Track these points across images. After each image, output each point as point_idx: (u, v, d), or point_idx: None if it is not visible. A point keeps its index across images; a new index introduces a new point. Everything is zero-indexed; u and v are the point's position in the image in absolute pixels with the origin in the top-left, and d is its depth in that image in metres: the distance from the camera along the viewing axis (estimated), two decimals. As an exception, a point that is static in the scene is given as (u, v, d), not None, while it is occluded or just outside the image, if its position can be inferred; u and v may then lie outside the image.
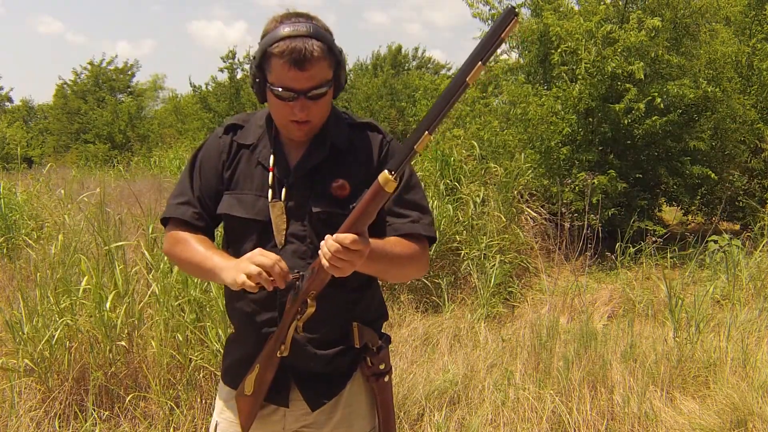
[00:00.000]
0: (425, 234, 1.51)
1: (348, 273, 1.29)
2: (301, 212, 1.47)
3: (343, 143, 1.51)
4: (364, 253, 1.27)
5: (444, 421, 3.12)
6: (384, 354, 1.53)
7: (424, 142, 1.18)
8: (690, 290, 5.09)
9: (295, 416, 1.54)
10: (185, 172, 1.59)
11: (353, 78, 24.70)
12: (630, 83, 7.55)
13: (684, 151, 8.11)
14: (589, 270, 6.25)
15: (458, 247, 5.69)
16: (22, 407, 3.06)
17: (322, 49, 1.38)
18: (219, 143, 1.56)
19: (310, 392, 1.51)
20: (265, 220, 1.47)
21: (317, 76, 1.39)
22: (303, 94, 1.39)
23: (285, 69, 1.36)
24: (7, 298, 4.17)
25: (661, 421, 3.16)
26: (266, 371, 1.47)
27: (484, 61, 1.12)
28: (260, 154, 1.51)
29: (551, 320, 4.16)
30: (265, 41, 1.39)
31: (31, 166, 18.73)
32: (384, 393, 1.55)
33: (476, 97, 8.82)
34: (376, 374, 1.52)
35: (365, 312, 1.55)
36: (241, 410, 1.53)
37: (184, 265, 1.58)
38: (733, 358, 3.68)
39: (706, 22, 8.75)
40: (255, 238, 1.48)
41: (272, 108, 1.47)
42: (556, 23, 7.82)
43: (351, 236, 1.24)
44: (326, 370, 1.51)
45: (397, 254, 1.43)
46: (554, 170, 7.68)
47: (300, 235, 1.47)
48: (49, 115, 30.06)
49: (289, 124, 1.45)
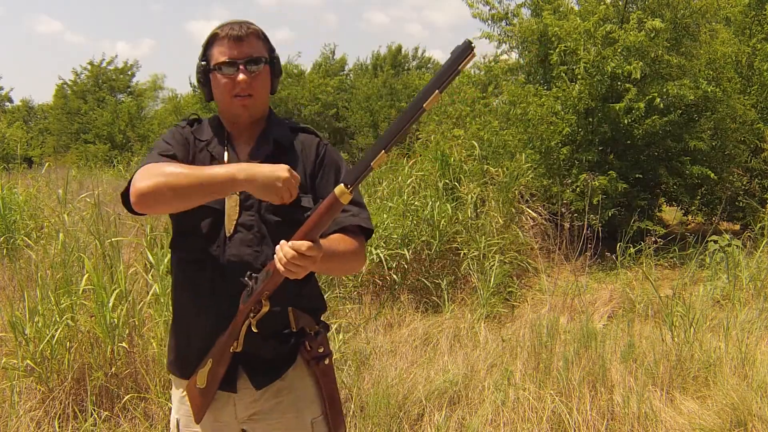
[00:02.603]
0: (366, 226, 1.63)
1: (301, 276, 1.39)
2: (251, 203, 1.58)
3: (286, 141, 1.65)
4: (317, 259, 1.37)
5: (444, 421, 3.12)
6: (322, 338, 1.63)
7: (380, 160, 1.30)
8: (690, 290, 5.09)
9: (244, 404, 1.62)
10: (158, 144, 1.60)
11: (353, 78, 24.70)
12: (630, 83, 7.55)
13: (684, 151, 8.11)
14: (589, 270, 6.25)
15: (458, 247, 5.69)
16: (22, 407, 3.07)
17: (258, 31, 1.61)
18: (184, 132, 1.66)
19: (256, 375, 1.60)
20: (219, 208, 1.57)
21: (255, 48, 1.59)
22: (243, 62, 1.56)
23: (225, 45, 1.57)
24: (8, 298, 4.16)
25: (660, 421, 3.16)
26: (219, 366, 1.56)
27: (440, 90, 1.23)
28: (214, 149, 1.63)
29: (551, 320, 4.16)
30: (209, 35, 1.61)
31: (31, 166, 18.72)
32: (326, 377, 1.65)
33: (476, 97, 8.83)
34: (316, 358, 1.62)
35: (306, 302, 1.64)
36: (194, 402, 1.61)
37: (170, 183, 1.42)
38: (733, 358, 3.68)
39: (707, 22, 8.74)
40: (207, 226, 1.58)
41: (217, 91, 1.61)
42: (556, 23, 7.82)
43: (307, 244, 1.35)
44: (271, 355, 1.60)
45: (342, 252, 1.54)
46: (554, 170, 7.68)
47: (248, 225, 1.58)
48: (49, 115, 30.07)
49: (234, 101, 1.58)
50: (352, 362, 3.65)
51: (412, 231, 5.53)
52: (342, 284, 5.01)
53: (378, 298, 5.13)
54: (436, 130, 8.10)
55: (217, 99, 1.63)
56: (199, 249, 1.58)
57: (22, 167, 12.17)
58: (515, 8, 8.97)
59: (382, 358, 3.86)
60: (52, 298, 3.45)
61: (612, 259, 6.20)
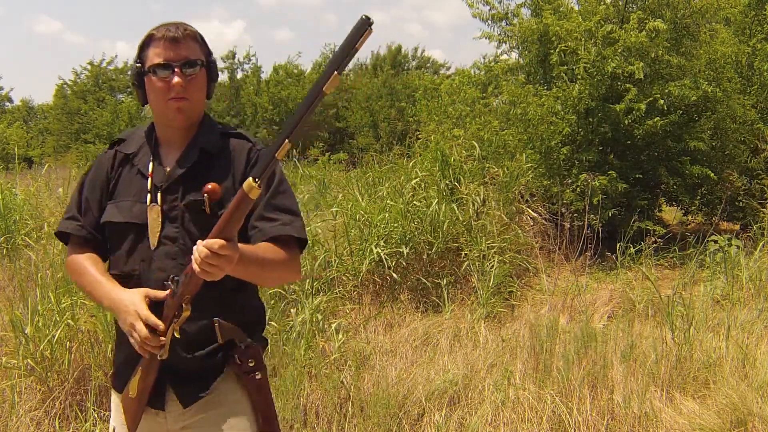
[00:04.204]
0: (296, 235, 1.58)
1: (219, 277, 1.35)
2: (174, 215, 1.57)
3: (214, 148, 1.61)
4: (233, 258, 1.34)
5: (444, 421, 3.12)
6: (253, 352, 1.58)
7: (285, 149, 1.27)
8: (690, 290, 5.09)
9: (173, 416, 1.60)
10: (75, 191, 1.71)
11: (353, 78, 24.69)
12: (630, 83, 7.55)
13: (684, 151, 8.11)
14: (589, 270, 6.25)
15: (459, 247, 5.69)
16: (22, 407, 3.06)
17: (195, 33, 1.58)
18: (104, 159, 1.68)
19: (183, 390, 1.58)
20: (141, 223, 1.57)
21: (191, 51, 1.56)
22: (178, 65, 1.53)
23: (161, 47, 1.54)
24: (8, 298, 4.17)
25: (661, 421, 3.16)
26: (148, 374, 1.54)
27: (339, 71, 1.20)
28: (140, 161, 1.63)
29: (551, 320, 4.16)
30: (144, 36, 1.58)
31: (31, 166, 18.72)
32: (259, 393, 1.60)
33: (476, 97, 8.82)
34: (246, 372, 1.57)
35: (238, 315, 1.59)
36: (127, 411, 1.60)
37: (80, 287, 1.70)
38: (733, 358, 3.68)
39: (707, 23, 8.74)
40: (131, 241, 1.58)
41: (152, 94, 1.58)
42: (556, 23, 7.82)
43: (219, 242, 1.31)
44: (198, 369, 1.57)
45: (268, 259, 1.50)
46: (554, 170, 7.67)
47: (173, 237, 1.56)
48: (49, 115, 30.05)
49: (169, 106, 1.55)
50: (352, 362, 3.65)
51: (413, 231, 5.53)
52: (342, 284, 5.02)
53: (378, 297, 5.13)
54: (436, 130, 8.09)
55: (151, 102, 1.60)
56: (126, 264, 1.58)
57: (21, 167, 12.17)
58: (515, 8, 8.97)
59: (382, 358, 3.86)
60: (52, 298, 3.45)
61: (612, 259, 6.20)
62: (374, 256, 5.11)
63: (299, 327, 3.83)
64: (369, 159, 8.79)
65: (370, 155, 9.32)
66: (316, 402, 3.28)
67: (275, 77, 22.04)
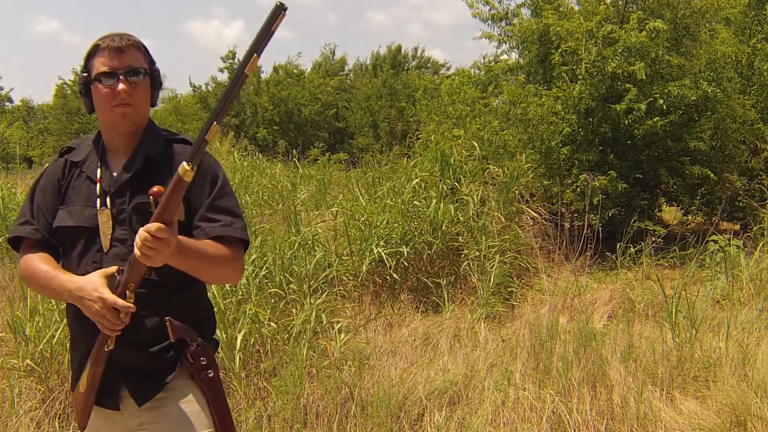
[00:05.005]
0: (237, 236, 1.65)
1: (159, 262, 1.42)
2: (123, 218, 1.63)
3: (158, 154, 1.67)
4: (171, 242, 1.41)
5: (444, 421, 3.12)
6: (204, 350, 1.63)
7: (213, 131, 1.36)
8: (690, 290, 5.09)
9: (129, 413, 1.64)
10: (26, 198, 1.77)
11: (353, 78, 24.67)
12: (630, 83, 7.55)
13: (684, 151, 8.11)
14: (589, 270, 6.25)
15: (459, 247, 5.69)
16: (22, 407, 3.07)
17: (138, 43, 1.65)
18: (56, 166, 1.73)
19: (137, 389, 1.62)
20: (92, 226, 1.63)
21: (135, 59, 1.62)
22: (123, 73, 1.60)
23: (106, 56, 1.60)
24: (8, 298, 4.17)
25: (660, 421, 3.16)
26: (96, 366, 1.58)
27: (258, 53, 1.31)
28: (88, 168, 1.69)
29: (551, 320, 4.16)
30: (90, 46, 1.64)
31: (31, 166, 18.75)
32: (212, 391, 1.65)
33: (476, 97, 8.82)
34: (199, 370, 1.63)
35: (187, 313, 1.64)
36: (76, 407, 1.64)
37: (34, 288, 1.78)
38: (733, 358, 3.68)
39: (706, 23, 8.74)
40: (82, 244, 1.63)
41: (98, 102, 1.64)
42: (557, 23, 7.82)
43: (157, 225, 1.39)
44: (150, 367, 1.62)
45: (210, 254, 1.57)
46: (554, 170, 7.67)
47: (122, 239, 1.62)
48: (49, 115, 30.06)
49: (114, 112, 1.61)
50: (352, 362, 3.65)
51: (413, 231, 5.53)
52: (342, 283, 5.02)
53: (378, 297, 5.13)
54: (436, 130, 8.09)
55: (97, 109, 1.65)
56: (79, 267, 1.62)
57: (22, 167, 12.17)
58: (515, 8, 8.97)
59: (383, 358, 3.86)
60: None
61: (612, 259, 6.20)
62: (374, 256, 5.11)
63: (300, 326, 3.82)
64: (369, 159, 8.80)
65: (370, 155, 9.33)
66: (316, 402, 3.28)
67: (275, 77, 22.03)
